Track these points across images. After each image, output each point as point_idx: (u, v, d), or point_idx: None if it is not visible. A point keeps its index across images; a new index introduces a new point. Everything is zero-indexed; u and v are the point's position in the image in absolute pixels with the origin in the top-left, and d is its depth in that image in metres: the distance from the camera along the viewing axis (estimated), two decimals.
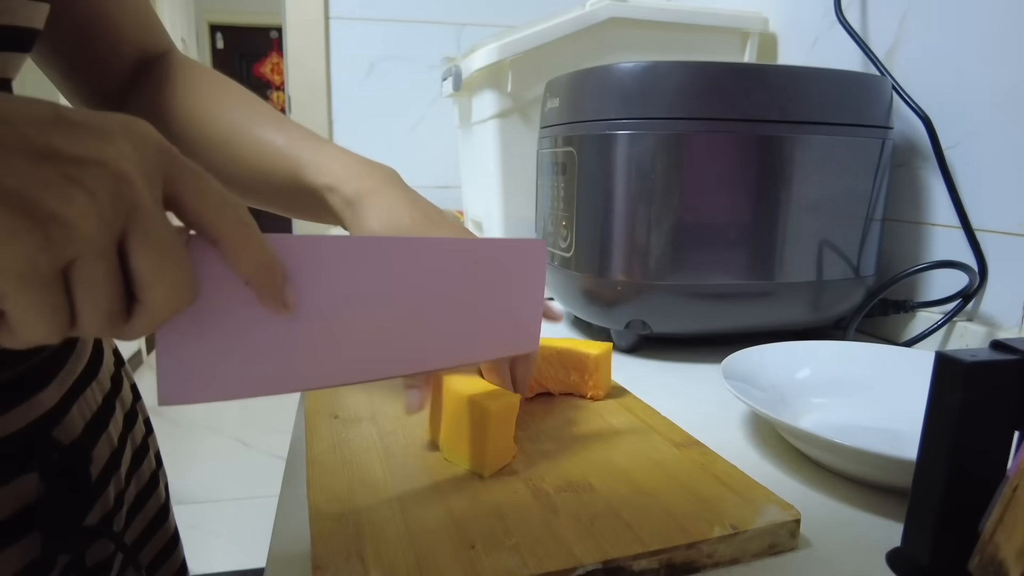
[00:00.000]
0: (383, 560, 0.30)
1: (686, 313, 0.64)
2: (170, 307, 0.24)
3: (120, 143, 0.22)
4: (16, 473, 0.33)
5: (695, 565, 0.32)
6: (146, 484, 0.47)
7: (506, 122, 0.94)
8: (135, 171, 0.22)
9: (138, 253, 0.22)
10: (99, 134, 0.22)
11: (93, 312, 0.22)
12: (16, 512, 0.33)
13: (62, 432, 0.37)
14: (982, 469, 0.29)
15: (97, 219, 0.21)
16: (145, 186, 0.22)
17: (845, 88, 0.63)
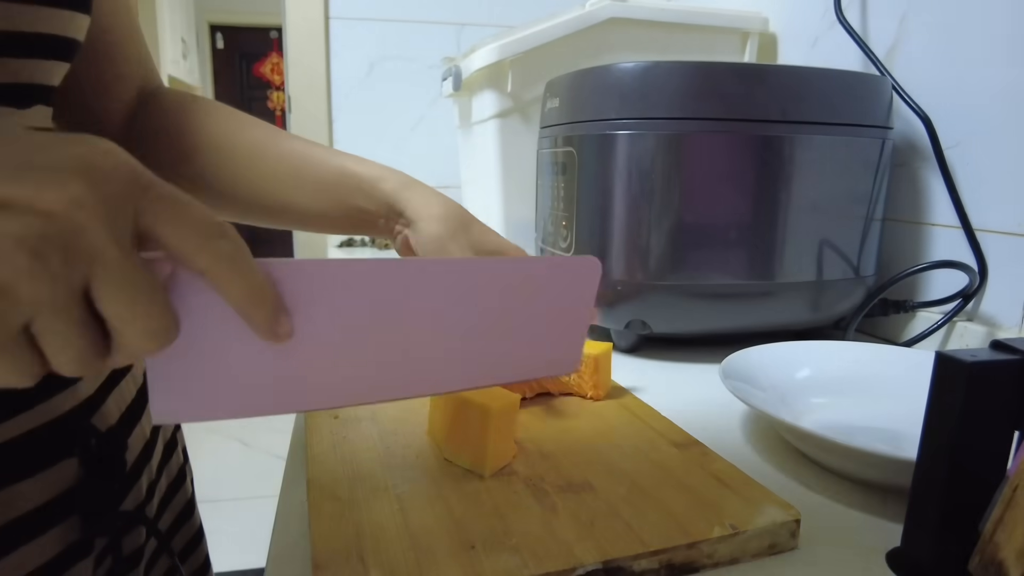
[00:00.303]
0: (383, 560, 0.30)
1: (686, 313, 0.64)
2: (147, 347, 0.23)
3: (73, 185, 0.20)
4: (58, 458, 0.34)
5: (695, 565, 0.32)
6: (175, 478, 0.48)
7: (506, 122, 0.94)
8: (90, 217, 0.20)
9: (103, 301, 0.21)
10: (50, 175, 0.20)
11: (63, 361, 0.21)
12: (57, 495, 0.34)
13: (99, 420, 0.38)
14: (982, 469, 0.29)
15: (47, 280, 0.20)
16: (105, 230, 0.21)
17: (845, 88, 0.63)
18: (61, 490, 0.34)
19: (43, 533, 0.33)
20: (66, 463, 0.35)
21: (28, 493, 0.33)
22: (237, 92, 6.10)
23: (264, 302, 0.25)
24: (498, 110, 0.93)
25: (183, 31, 4.56)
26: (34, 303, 0.20)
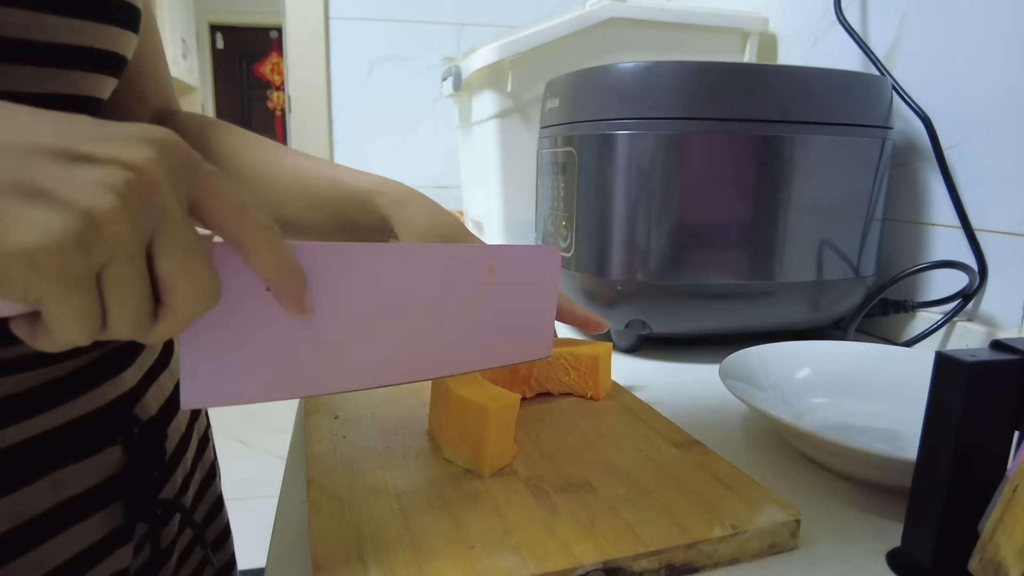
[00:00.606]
0: (383, 560, 0.30)
1: (686, 313, 0.64)
2: (194, 309, 0.24)
3: (148, 149, 0.23)
4: (103, 445, 0.37)
5: (695, 565, 0.32)
6: (207, 473, 0.51)
7: (506, 122, 0.94)
8: (163, 177, 0.23)
9: (164, 256, 0.23)
10: (128, 140, 0.23)
11: (123, 314, 0.23)
12: (102, 481, 0.37)
13: (140, 411, 0.40)
14: (982, 469, 0.29)
15: (127, 222, 0.22)
16: (172, 192, 0.23)
17: (845, 88, 0.63)
18: (105, 476, 0.37)
19: (89, 516, 0.36)
20: (110, 451, 0.37)
21: (75, 478, 0.35)
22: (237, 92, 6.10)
23: (295, 273, 0.28)
24: (498, 110, 0.93)
25: (183, 31, 4.56)
26: (117, 243, 0.22)
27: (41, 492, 0.34)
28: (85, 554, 0.35)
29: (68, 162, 0.22)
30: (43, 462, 0.34)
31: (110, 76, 0.38)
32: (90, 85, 0.36)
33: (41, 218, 0.21)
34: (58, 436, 0.35)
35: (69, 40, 0.34)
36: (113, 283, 0.22)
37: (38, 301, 0.21)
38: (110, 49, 0.37)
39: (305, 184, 0.48)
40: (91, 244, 0.21)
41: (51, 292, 0.21)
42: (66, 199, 0.21)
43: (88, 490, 0.36)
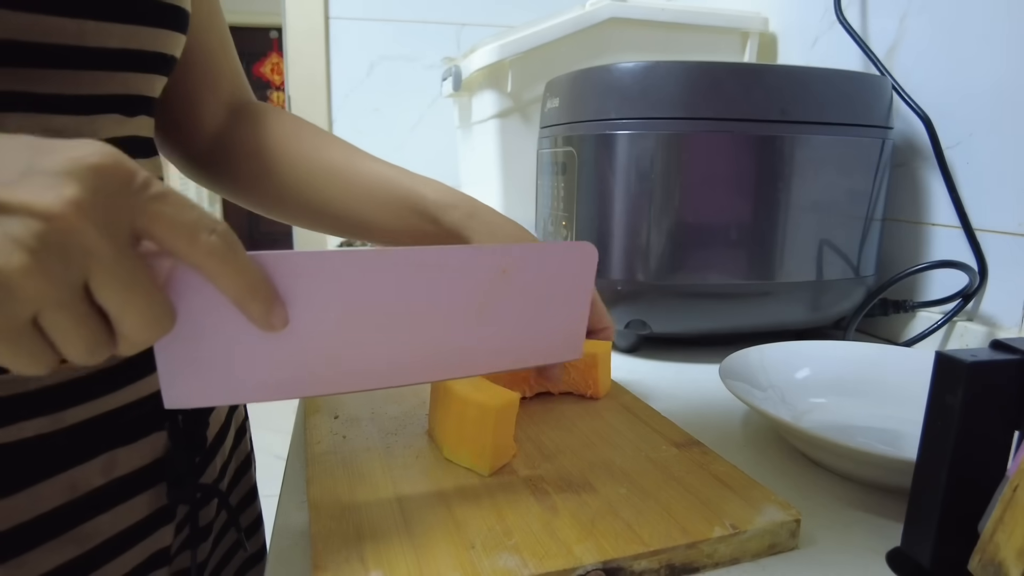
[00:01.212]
0: (383, 560, 0.30)
1: (686, 313, 0.64)
2: (147, 336, 0.24)
3: (69, 187, 0.21)
4: (150, 430, 0.39)
5: (695, 565, 0.32)
6: (243, 462, 0.53)
7: (506, 122, 0.94)
8: (85, 218, 0.22)
9: (101, 293, 0.23)
10: (48, 180, 0.21)
11: (73, 350, 0.23)
12: (149, 464, 0.39)
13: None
14: (982, 469, 0.29)
15: (42, 276, 0.21)
16: (98, 230, 0.22)
17: (845, 88, 0.63)
18: (152, 459, 0.39)
19: (136, 495, 0.38)
20: (157, 435, 0.40)
21: (125, 459, 0.38)
22: None
23: (256, 294, 0.27)
24: (498, 110, 0.93)
25: None
26: (36, 299, 0.21)
27: (94, 470, 0.36)
28: (132, 530, 0.38)
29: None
30: (97, 443, 0.37)
31: (160, 75, 0.40)
32: (141, 85, 0.38)
33: None
34: (111, 420, 0.37)
35: (121, 45, 0.35)
36: (51, 328, 0.22)
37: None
38: (159, 51, 0.38)
39: (378, 190, 0.49)
40: (6, 303, 0.21)
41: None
42: None
43: (136, 471, 0.38)
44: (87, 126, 0.35)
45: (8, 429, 0.33)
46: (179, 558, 0.43)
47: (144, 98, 0.39)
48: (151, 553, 0.39)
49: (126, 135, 0.38)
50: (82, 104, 0.34)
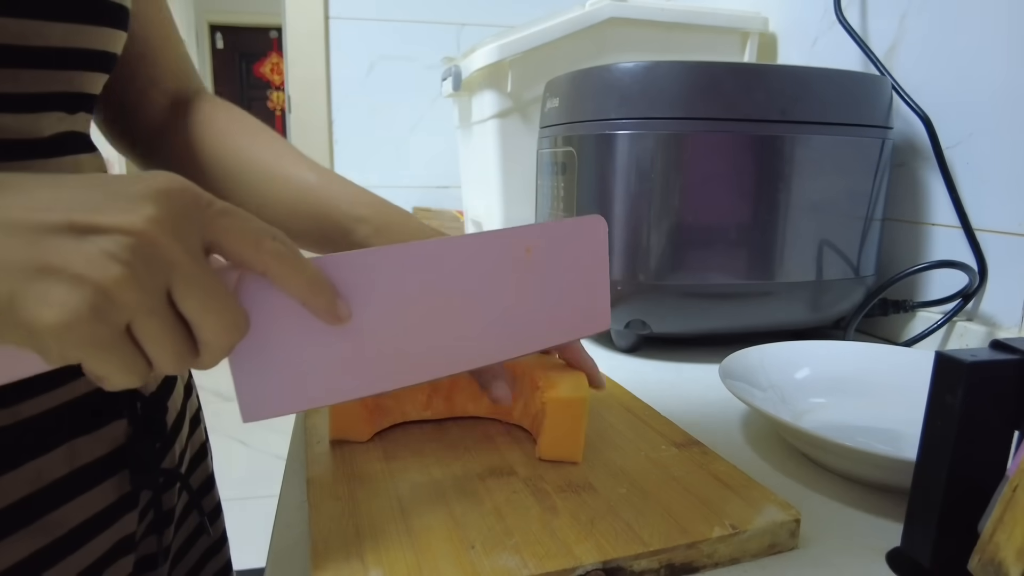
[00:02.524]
0: (383, 560, 0.30)
1: (686, 313, 0.64)
2: (226, 340, 0.27)
3: (149, 208, 0.24)
4: (110, 418, 0.40)
5: (695, 565, 0.32)
6: (199, 451, 0.53)
7: (506, 122, 0.94)
8: (165, 233, 0.25)
9: (183, 302, 0.25)
10: (130, 202, 0.24)
11: (163, 357, 0.25)
12: (110, 452, 0.40)
13: (142, 387, 0.42)
14: (982, 469, 0.29)
15: (136, 285, 0.24)
16: (176, 243, 0.25)
17: (845, 88, 0.63)
18: (113, 447, 0.40)
19: (99, 484, 0.39)
20: (117, 423, 0.40)
21: (87, 447, 0.38)
22: (237, 92, 6.10)
23: (321, 289, 0.29)
24: (498, 110, 0.93)
25: (183, 31, 4.55)
26: (131, 306, 0.24)
27: (57, 460, 0.37)
28: (97, 518, 0.39)
29: (76, 236, 0.23)
30: (58, 433, 0.37)
31: (103, 73, 0.40)
32: (83, 83, 0.38)
33: (57, 295, 0.23)
34: (70, 410, 0.38)
35: (66, 43, 0.35)
36: (143, 335, 0.25)
37: (79, 362, 0.24)
38: (101, 49, 0.38)
39: (300, 200, 0.48)
40: (107, 311, 0.23)
41: (85, 356, 0.24)
42: (77, 274, 0.23)
43: (98, 459, 0.39)
44: (30, 124, 0.35)
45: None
46: (143, 544, 0.43)
47: (86, 95, 0.39)
48: (116, 540, 0.40)
49: (66, 131, 0.38)
50: (25, 102, 0.35)
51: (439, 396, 0.44)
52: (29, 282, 0.23)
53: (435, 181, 1.41)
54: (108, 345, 0.24)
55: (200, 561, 0.52)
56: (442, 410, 0.45)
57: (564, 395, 0.40)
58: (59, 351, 0.23)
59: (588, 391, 0.41)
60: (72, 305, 0.23)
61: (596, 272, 0.40)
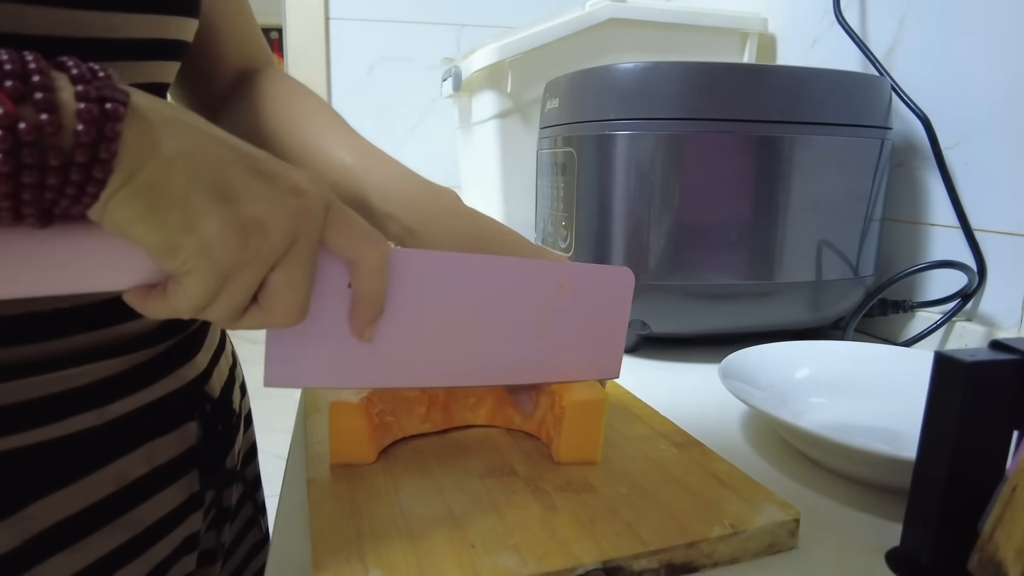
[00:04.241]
0: (383, 560, 0.30)
1: (686, 313, 0.64)
2: (283, 320, 0.28)
3: (308, 182, 0.27)
4: (183, 420, 0.41)
5: (695, 565, 0.32)
6: (249, 450, 0.55)
7: (506, 122, 0.94)
8: (316, 207, 0.27)
9: (282, 269, 0.27)
10: (297, 171, 0.28)
11: (228, 305, 0.27)
12: (183, 452, 0.41)
13: (209, 389, 0.45)
14: (981, 469, 0.29)
15: (282, 236, 0.26)
16: (316, 221, 0.27)
17: (844, 88, 0.63)
18: (185, 448, 0.41)
19: (174, 483, 0.41)
20: (189, 425, 0.42)
21: (164, 448, 0.40)
22: None
23: (376, 306, 0.32)
24: (498, 110, 0.93)
25: None
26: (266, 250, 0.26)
27: (137, 460, 0.38)
28: (169, 516, 0.40)
29: (254, 176, 0.26)
30: (139, 434, 0.39)
31: (177, 62, 0.41)
32: (161, 72, 0.39)
33: (224, 214, 0.24)
34: (151, 411, 0.39)
35: (144, 35, 0.36)
36: (238, 279, 0.26)
37: (185, 274, 0.25)
38: (178, 38, 0.39)
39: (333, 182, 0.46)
40: (250, 245, 0.25)
41: (200, 270, 0.25)
42: (247, 205, 0.25)
43: (172, 460, 0.41)
44: None
45: (60, 424, 0.35)
46: (204, 539, 0.45)
47: (161, 85, 0.40)
48: (184, 537, 0.41)
49: None
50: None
51: (436, 408, 0.44)
52: (207, 198, 0.24)
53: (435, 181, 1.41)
54: (221, 271, 0.25)
55: (247, 557, 0.53)
56: (440, 422, 0.44)
57: (582, 398, 0.39)
58: (187, 257, 0.24)
59: (605, 392, 0.40)
60: (234, 227, 0.25)
61: (616, 321, 0.41)
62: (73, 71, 0.23)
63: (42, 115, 0.21)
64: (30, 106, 0.21)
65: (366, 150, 0.46)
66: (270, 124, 0.48)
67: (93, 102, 0.22)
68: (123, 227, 0.24)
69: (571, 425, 0.39)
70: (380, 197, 0.44)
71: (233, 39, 0.51)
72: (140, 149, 0.23)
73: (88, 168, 0.22)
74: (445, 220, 0.42)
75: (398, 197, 0.44)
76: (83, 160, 0.22)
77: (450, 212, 0.43)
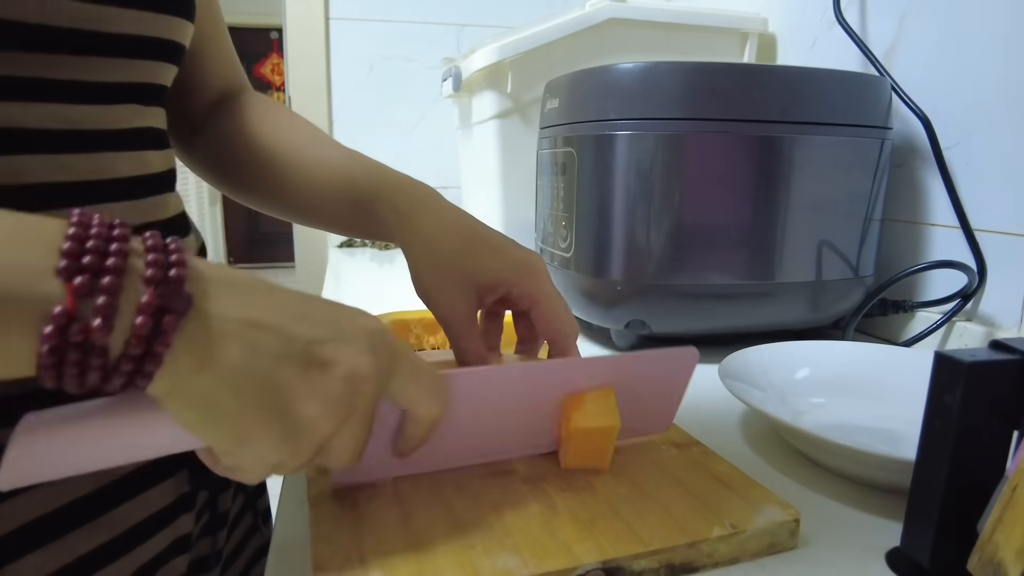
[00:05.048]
0: (383, 560, 0.30)
1: (686, 313, 0.64)
2: (342, 463, 0.29)
3: (367, 358, 0.28)
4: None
5: (695, 565, 0.32)
6: None
7: (506, 122, 0.94)
8: (369, 384, 0.28)
9: (342, 433, 0.28)
10: (357, 344, 0.27)
11: (292, 469, 0.28)
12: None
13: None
14: (981, 469, 0.29)
15: (337, 424, 0.27)
16: (374, 384, 0.28)
17: (844, 88, 0.63)
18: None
19: (160, 483, 0.40)
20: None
21: None
22: None
23: (421, 444, 0.34)
24: (498, 110, 0.93)
25: None
26: (313, 441, 0.27)
27: None
28: (156, 517, 0.39)
29: (309, 371, 0.26)
30: None
31: (171, 64, 0.40)
32: (155, 73, 0.39)
33: (278, 428, 0.26)
34: None
35: (138, 31, 0.36)
36: (295, 454, 0.27)
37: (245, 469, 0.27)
38: (171, 38, 0.39)
39: (320, 185, 0.47)
40: (304, 444, 0.26)
41: (257, 469, 0.27)
42: (301, 411, 0.26)
43: (159, 459, 0.39)
44: (106, 115, 0.36)
45: None
46: (197, 545, 0.44)
47: (158, 87, 0.40)
48: (173, 540, 0.41)
49: (143, 126, 0.39)
50: (100, 92, 0.35)
51: None
52: (258, 408, 0.25)
53: (435, 182, 1.40)
54: (269, 465, 0.27)
55: (250, 562, 0.52)
56: None
57: (591, 425, 0.38)
58: (240, 462, 0.26)
59: (616, 417, 0.38)
60: (270, 419, 0.25)
61: (675, 390, 0.42)
62: (149, 257, 0.23)
63: (95, 320, 0.21)
64: (91, 305, 0.21)
65: (349, 150, 0.49)
66: (258, 140, 0.49)
67: (150, 316, 0.22)
68: (180, 423, 0.25)
69: (578, 447, 0.38)
70: (369, 182, 0.45)
71: (217, 61, 0.52)
72: (190, 362, 0.23)
73: (132, 376, 0.22)
74: (431, 203, 0.44)
75: (386, 182, 0.45)
76: (128, 369, 0.22)
77: (433, 197, 0.45)
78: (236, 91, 0.53)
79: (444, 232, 0.42)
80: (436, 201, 0.44)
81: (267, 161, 0.49)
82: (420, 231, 0.43)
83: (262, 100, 0.53)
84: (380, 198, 0.44)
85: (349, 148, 0.49)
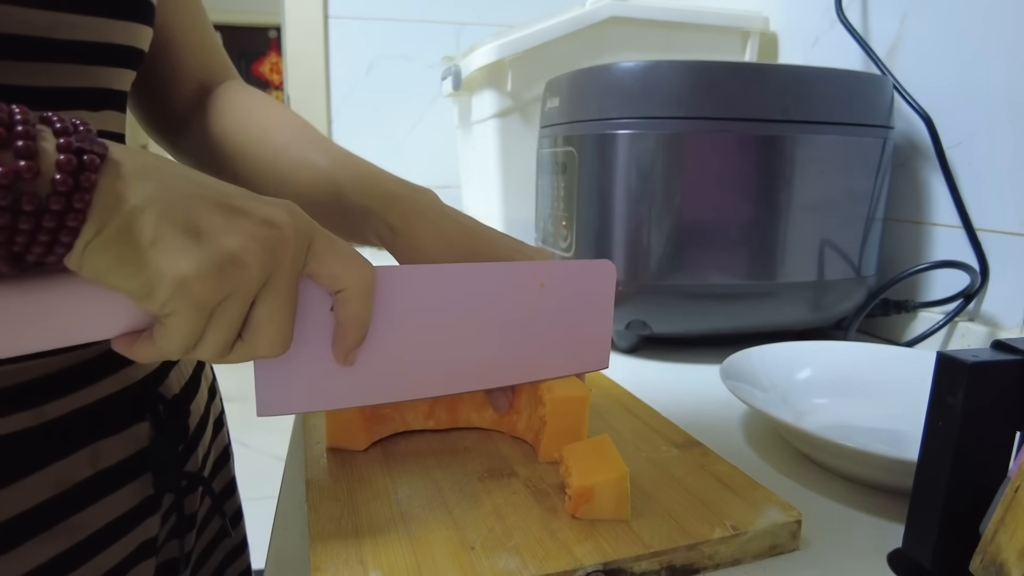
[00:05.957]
0: (383, 561, 0.30)
1: (686, 313, 0.64)
2: (267, 352, 0.29)
3: (284, 214, 0.28)
4: (133, 421, 0.40)
5: (696, 566, 0.32)
6: (221, 454, 0.53)
7: (506, 122, 0.93)
8: (293, 236, 0.27)
9: (263, 302, 0.27)
10: (271, 203, 0.28)
11: (215, 341, 0.27)
12: (133, 454, 0.40)
13: (164, 390, 0.43)
14: (984, 470, 0.29)
15: (260, 268, 0.26)
16: (293, 251, 0.28)
17: (846, 88, 0.63)
18: (136, 449, 0.40)
19: (122, 487, 0.39)
20: (140, 426, 0.40)
21: (110, 450, 0.38)
22: None
23: (359, 333, 0.32)
24: (498, 109, 0.93)
25: None
26: (244, 283, 0.26)
27: (80, 463, 0.37)
28: (119, 521, 0.38)
29: (226, 212, 0.26)
30: (81, 435, 0.37)
31: (129, 69, 0.40)
32: (109, 78, 0.38)
33: (198, 253, 0.25)
34: (94, 411, 0.38)
35: (91, 37, 0.36)
36: (221, 315, 0.26)
37: (168, 315, 0.25)
38: (128, 44, 0.38)
39: (308, 191, 0.46)
40: (228, 281, 0.25)
41: (180, 311, 0.25)
42: (220, 241, 0.25)
43: (121, 462, 0.39)
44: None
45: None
46: (165, 548, 0.43)
47: (111, 92, 0.39)
48: (138, 544, 0.40)
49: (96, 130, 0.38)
50: (49, 98, 0.35)
51: (442, 407, 0.44)
52: (177, 235, 0.25)
53: (435, 181, 1.40)
54: (203, 309, 0.26)
55: (222, 564, 0.51)
56: (444, 421, 0.44)
57: (564, 394, 0.40)
58: (165, 299, 0.25)
59: (587, 388, 0.41)
60: (207, 263, 0.25)
61: (601, 313, 0.42)
62: (57, 124, 0.24)
63: (20, 161, 0.22)
64: (10, 152, 0.22)
65: (339, 152, 0.46)
66: (239, 136, 0.48)
67: (72, 153, 0.23)
68: (101, 275, 0.24)
69: (554, 422, 0.40)
70: (358, 194, 0.43)
71: (191, 51, 0.50)
72: (112, 199, 0.24)
73: (62, 216, 0.23)
74: (428, 216, 0.42)
75: (377, 194, 0.43)
76: (57, 208, 0.22)
77: (432, 209, 0.42)
78: (219, 81, 0.51)
79: (440, 248, 0.41)
80: (431, 210, 0.42)
81: (240, 157, 0.47)
82: (416, 246, 0.41)
83: (247, 92, 0.51)
84: (371, 213, 0.42)
85: (338, 148, 0.47)
